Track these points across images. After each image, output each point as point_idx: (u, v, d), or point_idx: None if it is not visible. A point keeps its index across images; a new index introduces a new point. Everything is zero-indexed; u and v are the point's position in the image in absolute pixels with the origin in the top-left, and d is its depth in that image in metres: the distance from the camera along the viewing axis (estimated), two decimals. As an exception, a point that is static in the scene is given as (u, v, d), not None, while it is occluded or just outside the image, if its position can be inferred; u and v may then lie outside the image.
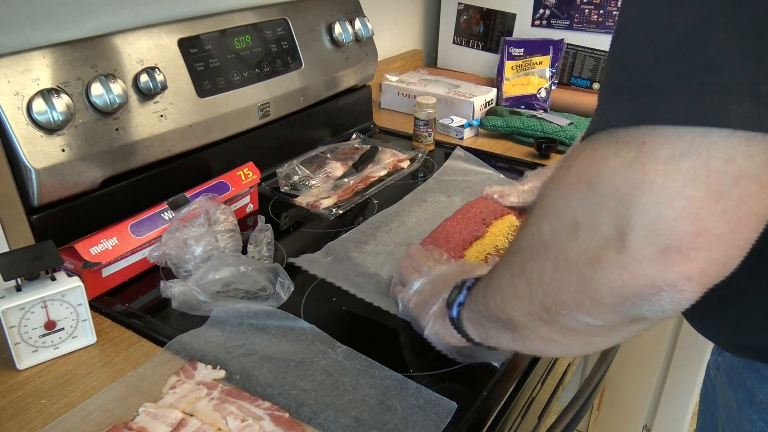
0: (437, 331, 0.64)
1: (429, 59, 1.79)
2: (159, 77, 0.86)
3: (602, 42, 1.44)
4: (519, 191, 0.94)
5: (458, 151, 1.20)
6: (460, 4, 1.62)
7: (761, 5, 0.32)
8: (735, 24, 0.33)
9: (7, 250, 0.74)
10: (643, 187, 0.33)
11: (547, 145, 1.25)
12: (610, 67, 0.38)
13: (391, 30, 1.61)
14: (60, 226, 0.80)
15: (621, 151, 0.35)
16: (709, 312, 0.56)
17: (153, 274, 0.84)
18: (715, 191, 0.32)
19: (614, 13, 1.41)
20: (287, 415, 0.59)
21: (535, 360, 0.71)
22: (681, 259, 0.34)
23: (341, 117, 1.29)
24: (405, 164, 1.17)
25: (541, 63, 1.48)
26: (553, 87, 1.49)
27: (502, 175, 1.14)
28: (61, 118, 0.75)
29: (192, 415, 0.59)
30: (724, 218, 0.33)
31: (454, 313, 0.59)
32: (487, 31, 1.60)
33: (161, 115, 0.89)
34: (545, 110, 1.46)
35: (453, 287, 0.61)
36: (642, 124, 0.34)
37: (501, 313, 0.50)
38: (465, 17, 1.62)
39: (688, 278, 0.34)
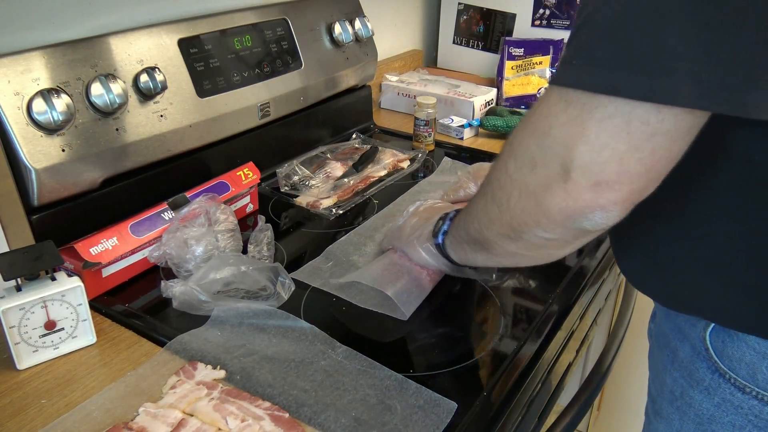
0: (426, 257, 0.76)
1: (429, 59, 1.79)
2: (159, 77, 0.86)
3: (602, 42, 1.44)
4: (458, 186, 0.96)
5: (445, 162, 1.20)
6: (460, 4, 1.62)
7: (715, 3, 0.39)
8: (691, 16, 0.39)
9: (7, 250, 0.74)
10: (581, 139, 0.44)
11: (547, 145, 1.25)
12: (579, 27, 0.45)
13: (391, 30, 1.61)
14: (60, 226, 0.80)
15: (568, 108, 0.44)
16: (648, 262, 0.61)
17: (153, 274, 0.84)
18: (634, 144, 0.43)
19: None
20: (287, 415, 0.59)
21: (535, 360, 0.71)
22: (608, 190, 0.45)
23: (341, 117, 1.29)
24: (405, 164, 1.17)
25: (541, 63, 1.48)
26: (553, 87, 1.48)
27: None
28: (61, 118, 0.75)
29: (192, 415, 0.59)
30: (641, 163, 0.44)
31: (440, 240, 0.72)
32: (487, 31, 1.60)
33: (161, 115, 0.89)
34: (545, 110, 1.45)
35: (437, 219, 0.74)
36: (589, 90, 0.43)
37: (478, 235, 0.61)
38: (465, 17, 1.62)
39: (614, 202, 0.46)
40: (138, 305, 0.78)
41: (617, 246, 0.66)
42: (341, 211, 1.01)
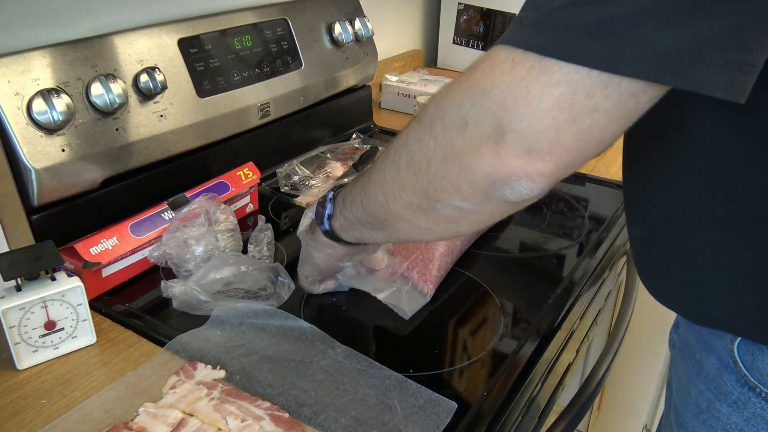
0: (311, 251, 0.71)
1: (429, 59, 1.79)
2: (159, 77, 0.86)
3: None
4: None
5: None
6: (460, 4, 1.62)
7: None
8: None
9: (7, 250, 0.74)
10: (523, 102, 0.42)
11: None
12: None
13: (391, 30, 1.61)
14: (60, 226, 0.80)
15: (515, 69, 0.42)
16: (672, 276, 0.59)
17: (153, 274, 0.84)
18: (574, 116, 0.41)
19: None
20: (287, 415, 0.59)
21: (534, 360, 0.71)
22: (538, 159, 0.43)
23: (341, 117, 1.29)
24: (405, 164, 1.17)
25: (541, 63, 1.48)
26: (553, 87, 1.48)
27: None
28: (61, 118, 0.75)
29: (192, 415, 0.59)
30: (576, 137, 0.42)
31: (326, 226, 0.66)
32: (487, 31, 1.60)
33: (161, 115, 0.89)
34: (545, 110, 1.45)
35: (316, 205, 0.68)
36: (537, 53, 0.41)
37: (381, 210, 0.57)
38: (465, 17, 1.62)
39: (541, 173, 0.44)
40: (138, 305, 0.78)
41: (639, 257, 0.64)
42: (341, 211, 1.01)
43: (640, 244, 0.62)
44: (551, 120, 0.41)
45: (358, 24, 1.23)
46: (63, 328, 0.68)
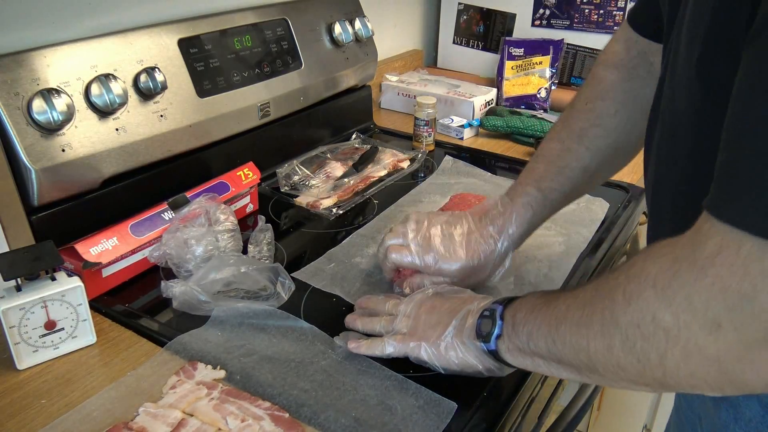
0: (453, 359, 0.63)
1: (429, 59, 1.79)
2: (159, 77, 0.86)
3: (602, 42, 1.44)
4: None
5: (446, 161, 1.20)
6: (460, 4, 1.62)
7: None
8: None
9: (7, 250, 0.74)
10: None
11: (547, 145, 1.24)
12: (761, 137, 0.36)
13: (391, 30, 1.61)
14: (60, 226, 0.80)
15: None
16: None
17: (153, 274, 0.84)
18: None
19: (614, 13, 1.41)
20: (287, 415, 0.59)
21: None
22: None
23: (341, 117, 1.29)
24: (405, 164, 1.17)
25: (541, 63, 1.48)
26: (553, 87, 1.49)
27: (490, 175, 1.14)
28: (61, 118, 0.75)
29: (192, 415, 0.59)
30: None
31: (493, 346, 0.59)
32: (487, 31, 1.60)
33: (161, 115, 0.89)
34: (545, 110, 1.46)
35: (476, 318, 0.60)
36: None
37: (583, 366, 0.49)
38: (465, 17, 1.62)
39: None
40: (138, 305, 0.78)
41: None
42: (341, 211, 1.01)
43: None
44: None
45: (358, 24, 1.23)
46: (63, 328, 0.68)
